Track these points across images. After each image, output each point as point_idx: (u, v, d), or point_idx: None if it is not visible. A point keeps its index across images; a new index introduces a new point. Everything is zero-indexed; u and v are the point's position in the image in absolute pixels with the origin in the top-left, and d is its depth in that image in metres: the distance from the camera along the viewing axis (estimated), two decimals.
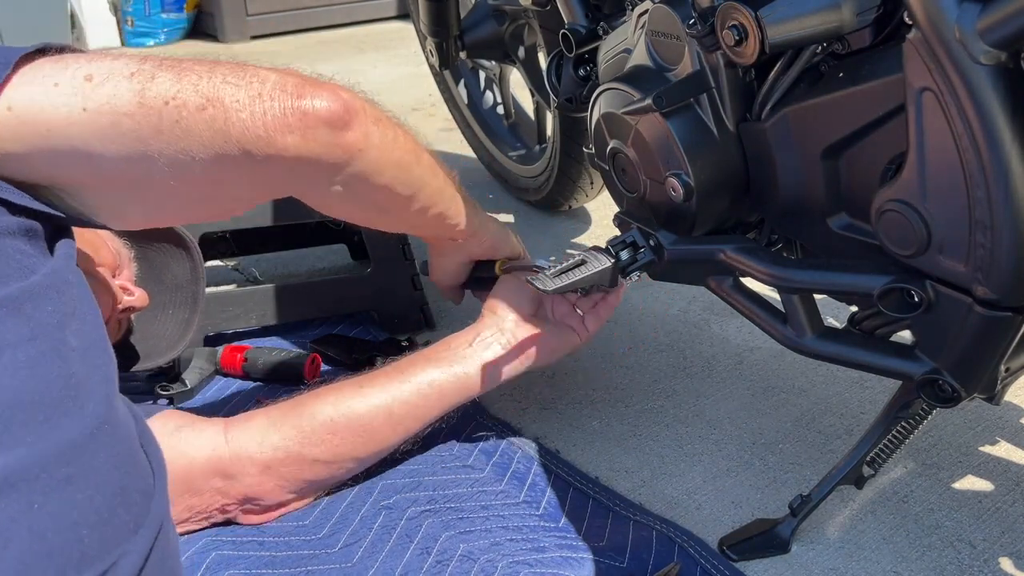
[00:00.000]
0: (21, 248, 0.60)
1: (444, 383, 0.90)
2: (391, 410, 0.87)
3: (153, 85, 0.63)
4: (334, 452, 0.85)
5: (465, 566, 0.81)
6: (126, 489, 0.57)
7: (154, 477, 0.61)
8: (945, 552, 0.86)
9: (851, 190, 0.77)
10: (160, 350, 1.07)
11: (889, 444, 0.83)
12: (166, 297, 1.08)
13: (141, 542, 0.56)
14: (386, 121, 0.77)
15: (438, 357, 0.92)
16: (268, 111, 0.66)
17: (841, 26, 0.70)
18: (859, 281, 0.76)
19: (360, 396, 0.87)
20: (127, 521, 0.56)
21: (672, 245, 0.89)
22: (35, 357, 0.54)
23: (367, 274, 1.26)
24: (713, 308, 1.30)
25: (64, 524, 0.51)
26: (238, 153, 0.66)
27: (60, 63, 0.63)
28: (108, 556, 0.53)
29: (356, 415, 0.86)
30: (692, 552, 0.85)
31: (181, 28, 3.64)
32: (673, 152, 0.83)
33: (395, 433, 0.89)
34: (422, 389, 0.89)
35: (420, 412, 0.89)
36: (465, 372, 0.91)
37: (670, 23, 0.83)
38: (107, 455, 0.56)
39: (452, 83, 1.80)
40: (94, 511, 0.53)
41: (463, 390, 0.91)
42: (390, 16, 3.84)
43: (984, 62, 0.60)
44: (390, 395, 0.88)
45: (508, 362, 0.93)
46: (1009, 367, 0.73)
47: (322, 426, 0.85)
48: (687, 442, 1.03)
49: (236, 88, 0.65)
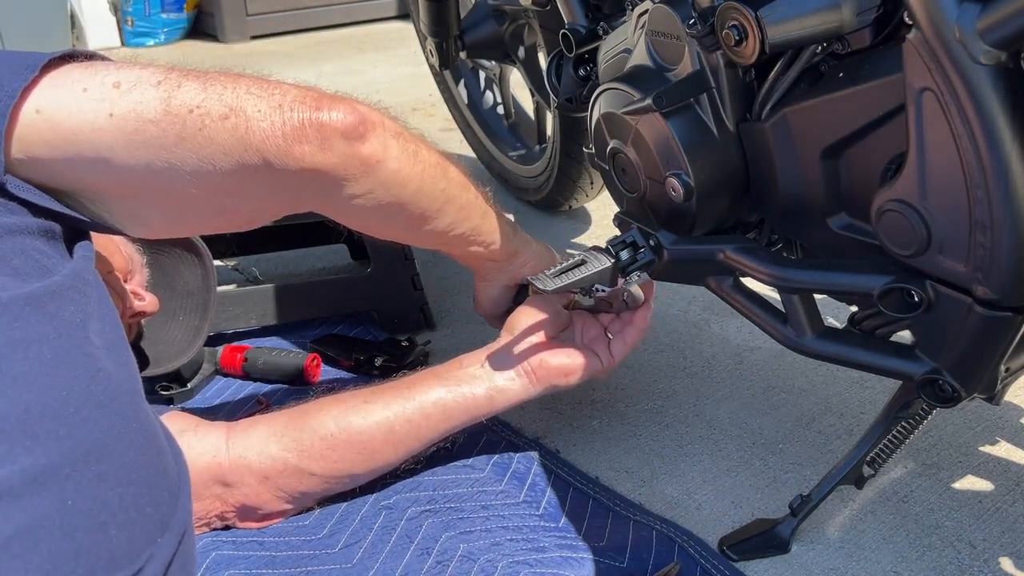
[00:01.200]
0: (41, 248, 0.60)
1: (450, 404, 0.88)
2: (392, 428, 0.86)
3: (179, 93, 0.64)
4: (332, 468, 0.85)
5: (465, 566, 0.81)
6: (154, 488, 0.56)
7: (179, 478, 0.61)
8: (945, 552, 0.86)
9: (851, 190, 0.77)
10: (169, 356, 1.07)
11: (889, 444, 0.83)
12: (176, 303, 1.08)
13: (166, 546, 0.56)
14: (407, 135, 0.78)
15: (448, 376, 0.90)
16: (287, 121, 0.67)
17: (841, 26, 0.70)
18: (859, 281, 0.76)
19: (362, 412, 0.86)
20: (156, 521, 0.55)
21: (672, 245, 0.89)
22: (61, 354, 0.54)
23: (367, 274, 1.26)
24: (713, 308, 1.30)
25: (95, 524, 0.50)
26: (258, 162, 0.67)
27: (90, 69, 0.64)
28: (137, 559, 0.52)
29: (356, 431, 0.85)
30: (692, 552, 0.85)
31: (181, 28, 3.64)
32: (673, 152, 0.83)
33: (395, 452, 0.88)
34: (426, 408, 0.87)
35: (423, 432, 0.88)
36: (473, 393, 0.89)
37: (670, 23, 0.83)
38: (136, 453, 0.56)
39: (452, 83, 1.80)
40: (123, 510, 0.53)
41: (470, 411, 0.89)
42: (390, 16, 3.84)
43: (984, 62, 0.60)
44: (392, 412, 0.86)
45: (519, 386, 0.90)
46: (1009, 367, 0.73)
47: (322, 440, 0.84)
48: (687, 442, 1.03)
49: (258, 99, 0.67)
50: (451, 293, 1.39)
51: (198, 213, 0.71)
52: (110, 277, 0.94)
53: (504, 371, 0.90)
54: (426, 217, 0.83)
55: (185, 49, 3.53)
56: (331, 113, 0.69)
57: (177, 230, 0.77)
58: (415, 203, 0.80)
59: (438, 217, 0.84)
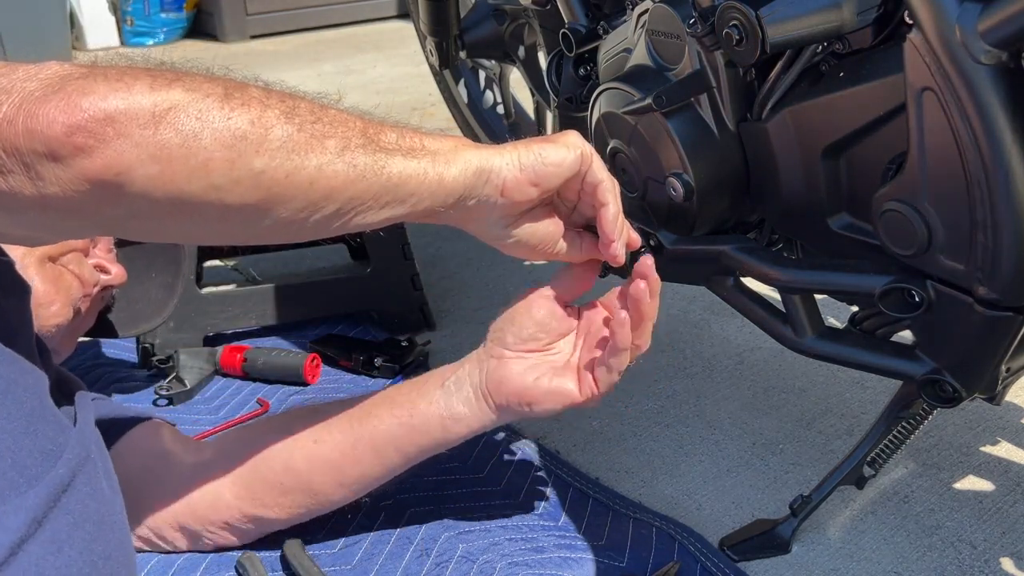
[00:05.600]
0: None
1: (402, 439, 0.78)
2: (342, 470, 0.78)
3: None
4: (288, 512, 0.80)
5: (464, 567, 0.81)
6: (15, 450, 0.56)
7: (64, 444, 0.60)
8: (946, 552, 0.86)
9: (852, 190, 0.77)
10: (146, 315, 1.06)
11: (890, 444, 0.83)
12: (147, 260, 1.06)
13: (31, 501, 0.55)
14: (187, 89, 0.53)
15: (402, 406, 0.78)
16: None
17: (841, 26, 0.70)
18: (860, 281, 0.76)
19: (309, 455, 0.78)
20: (14, 480, 0.55)
21: (672, 245, 0.89)
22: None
23: (367, 274, 1.26)
24: (713, 308, 1.30)
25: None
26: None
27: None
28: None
29: (305, 476, 0.78)
30: (692, 550, 0.85)
31: (180, 28, 3.64)
32: (673, 152, 0.83)
33: (349, 490, 0.80)
34: (377, 446, 0.78)
35: (375, 471, 0.79)
36: (427, 427, 0.77)
37: (670, 22, 0.83)
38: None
39: (452, 83, 1.80)
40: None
41: (424, 447, 0.78)
42: (390, 16, 3.85)
43: (985, 62, 0.60)
44: (340, 453, 0.78)
45: (474, 413, 0.77)
46: (1010, 367, 0.73)
47: (272, 488, 0.79)
48: (687, 442, 1.03)
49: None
50: (451, 293, 1.39)
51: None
52: (67, 259, 0.92)
53: (461, 393, 0.77)
54: (257, 208, 0.57)
55: (184, 49, 3.53)
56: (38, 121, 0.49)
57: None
58: (218, 196, 0.55)
59: (280, 203, 0.57)
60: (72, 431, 0.63)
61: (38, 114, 0.49)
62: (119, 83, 0.51)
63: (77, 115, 0.49)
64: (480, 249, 1.56)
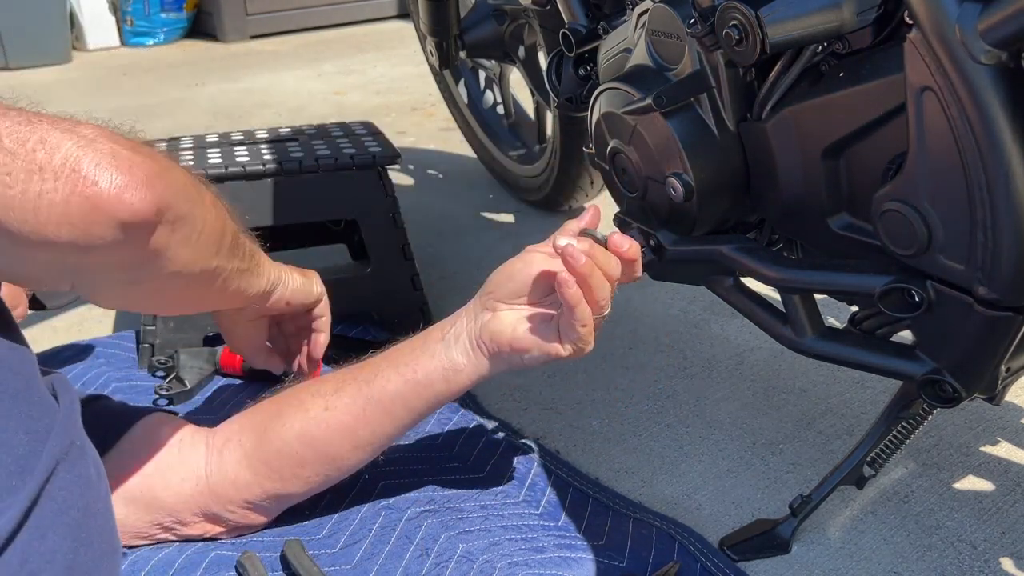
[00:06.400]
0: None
1: (409, 396, 0.82)
2: (356, 434, 0.82)
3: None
4: (307, 483, 0.83)
5: (464, 567, 0.81)
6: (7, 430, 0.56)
7: (55, 415, 0.61)
8: (946, 552, 0.86)
9: (852, 190, 0.77)
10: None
11: (890, 444, 0.83)
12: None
13: (29, 488, 0.56)
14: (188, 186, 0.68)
15: (405, 364, 0.82)
16: (44, 195, 0.55)
17: (841, 25, 0.70)
18: (860, 281, 0.76)
19: (324, 423, 0.81)
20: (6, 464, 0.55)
21: (672, 245, 0.89)
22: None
23: (367, 274, 1.26)
24: (713, 308, 1.30)
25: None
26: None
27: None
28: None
29: (322, 445, 0.81)
30: (692, 549, 0.85)
31: (180, 28, 3.64)
32: (673, 152, 0.83)
33: (365, 453, 0.84)
34: (386, 406, 0.81)
35: (387, 430, 0.83)
36: (429, 380, 0.81)
37: (670, 22, 0.83)
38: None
39: (452, 83, 1.80)
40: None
41: (430, 401, 0.83)
42: (390, 16, 3.85)
43: (985, 62, 0.60)
44: (353, 418, 0.81)
45: (472, 361, 0.81)
46: (1010, 367, 0.73)
47: (290, 460, 0.81)
48: (687, 442, 1.03)
49: (12, 157, 0.55)
50: (451, 293, 1.39)
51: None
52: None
53: (459, 345, 0.81)
54: (193, 293, 0.77)
55: (184, 49, 3.53)
56: (112, 190, 0.58)
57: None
58: (184, 283, 0.72)
59: (208, 290, 0.77)
60: (58, 412, 0.63)
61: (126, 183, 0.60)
62: None
63: (155, 191, 0.61)
64: (480, 249, 1.56)
